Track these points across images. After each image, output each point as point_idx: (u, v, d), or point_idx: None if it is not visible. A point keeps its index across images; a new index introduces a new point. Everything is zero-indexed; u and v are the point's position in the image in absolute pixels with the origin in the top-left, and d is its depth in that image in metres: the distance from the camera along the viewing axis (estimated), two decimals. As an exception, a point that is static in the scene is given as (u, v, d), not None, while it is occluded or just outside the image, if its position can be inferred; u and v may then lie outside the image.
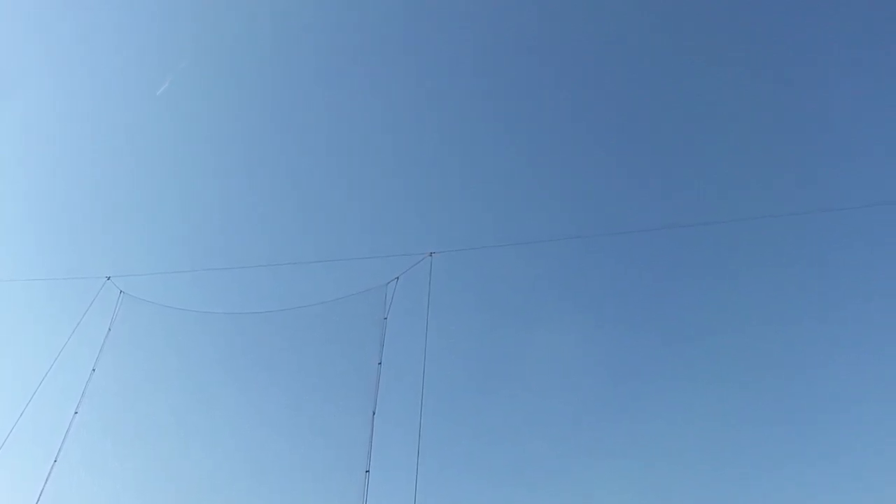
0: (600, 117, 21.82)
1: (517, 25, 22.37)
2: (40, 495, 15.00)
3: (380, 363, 14.95)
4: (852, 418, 16.60)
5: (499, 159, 22.23)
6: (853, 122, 19.43)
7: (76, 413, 15.97)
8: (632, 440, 17.33)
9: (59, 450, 15.48)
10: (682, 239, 18.64)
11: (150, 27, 23.15)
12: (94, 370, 16.34)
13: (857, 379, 17.11)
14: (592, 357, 18.57)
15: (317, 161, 22.62)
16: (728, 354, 18.11)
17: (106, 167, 22.37)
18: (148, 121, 21.96)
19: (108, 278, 17.51)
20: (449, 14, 22.56)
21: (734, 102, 20.56)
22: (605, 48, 21.97)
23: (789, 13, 20.23)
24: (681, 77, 21.23)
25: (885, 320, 17.50)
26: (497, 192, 21.79)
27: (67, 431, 15.72)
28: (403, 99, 22.81)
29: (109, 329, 16.85)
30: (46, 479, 15.22)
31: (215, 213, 22.24)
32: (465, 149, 22.36)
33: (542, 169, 22.10)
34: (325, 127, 22.61)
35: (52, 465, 15.33)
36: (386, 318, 15.52)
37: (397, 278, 15.82)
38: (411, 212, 21.82)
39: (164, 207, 22.20)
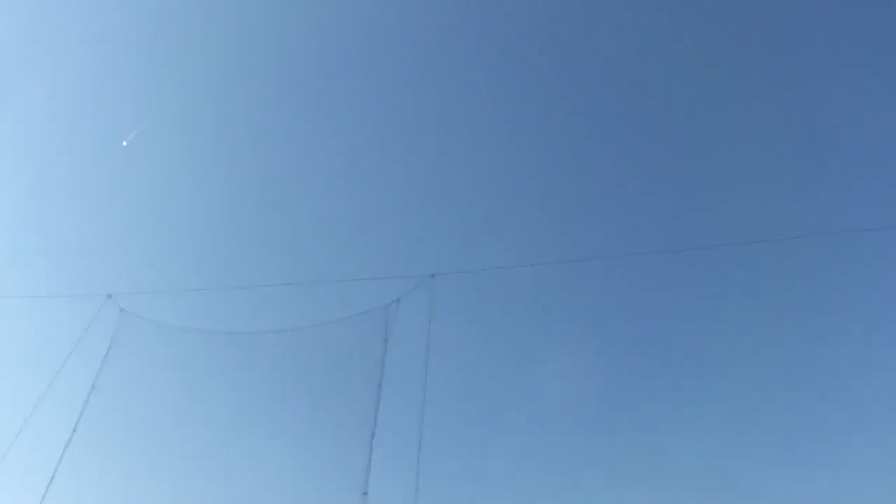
0: (609, 139, 21.90)
1: (524, 42, 22.46)
2: (37, 513, 14.95)
3: (379, 385, 14.94)
4: (863, 441, 16.66)
5: (502, 180, 22.27)
6: (873, 147, 19.51)
7: (75, 430, 15.94)
8: (638, 463, 17.33)
9: (57, 468, 15.43)
10: (689, 262, 18.67)
11: (151, 40, 23.28)
12: (93, 388, 16.33)
13: (868, 402, 17.19)
14: (597, 381, 18.55)
15: (319, 180, 22.71)
16: (736, 378, 18.17)
17: (107, 185, 22.45)
18: (149, 137, 22.00)
19: (109, 296, 17.52)
20: (453, 26, 22.63)
21: (744, 124, 20.65)
22: (614, 66, 22.06)
23: (819, 37, 20.39)
24: (692, 98, 21.32)
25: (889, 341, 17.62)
26: (500, 214, 21.82)
27: (66, 449, 15.67)
28: (406, 116, 22.88)
29: (109, 347, 16.85)
30: (43, 497, 15.15)
31: (216, 232, 22.31)
32: (468, 168, 22.42)
33: (547, 190, 22.15)
34: (326, 145, 22.72)
35: (49, 483, 15.27)
36: (387, 340, 15.51)
37: (398, 300, 15.83)
38: (414, 233, 21.86)
39: (165, 227, 22.27)
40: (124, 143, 20.56)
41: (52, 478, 15.31)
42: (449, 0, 22.60)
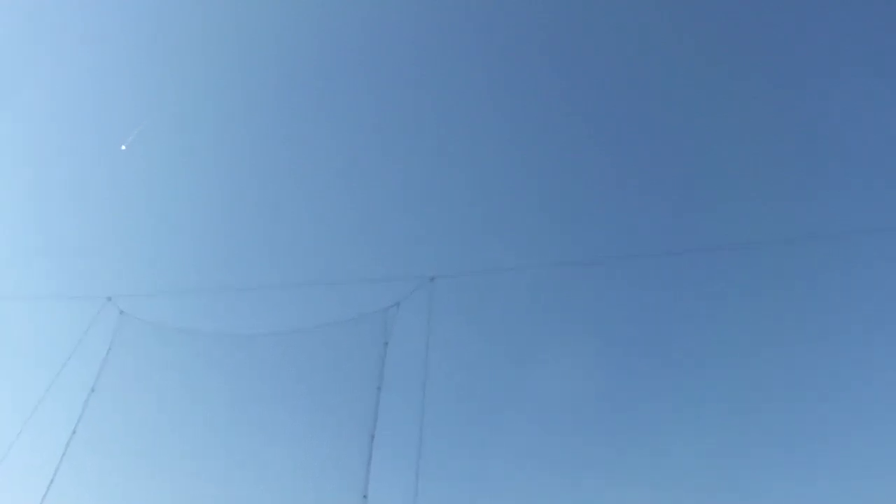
0: (609, 139, 21.83)
1: (524, 42, 22.37)
2: (37, 515, 14.98)
3: (379, 387, 14.97)
4: (863, 441, 16.67)
5: (502, 181, 22.20)
6: (873, 147, 19.45)
7: (74, 432, 15.97)
8: (638, 463, 17.34)
9: (57, 469, 15.47)
10: (689, 263, 18.62)
11: (151, 40, 23.23)
12: (93, 390, 16.35)
13: (868, 402, 17.21)
14: (597, 381, 18.52)
15: (319, 181, 22.66)
16: (736, 378, 18.15)
17: (107, 186, 22.43)
18: (149, 138, 21.98)
19: (109, 298, 17.55)
20: (453, 26, 22.53)
21: (744, 124, 20.58)
22: (614, 66, 21.97)
23: (819, 37, 20.32)
24: (692, 98, 21.24)
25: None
26: (501, 215, 21.76)
27: (65, 451, 15.71)
28: (406, 116, 22.82)
29: (109, 349, 16.89)
30: (43, 497, 15.20)
31: (216, 233, 22.30)
32: (468, 168, 22.36)
33: (547, 191, 22.08)
34: (326, 146, 22.67)
35: (49, 485, 15.31)
36: (387, 343, 15.54)
37: (398, 303, 15.84)
38: (414, 235, 21.81)
39: (165, 229, 22.27)
40: (123, 147, 20.55)
41: (53, 478, 15.37)
42: (449, 0, 22.57)
